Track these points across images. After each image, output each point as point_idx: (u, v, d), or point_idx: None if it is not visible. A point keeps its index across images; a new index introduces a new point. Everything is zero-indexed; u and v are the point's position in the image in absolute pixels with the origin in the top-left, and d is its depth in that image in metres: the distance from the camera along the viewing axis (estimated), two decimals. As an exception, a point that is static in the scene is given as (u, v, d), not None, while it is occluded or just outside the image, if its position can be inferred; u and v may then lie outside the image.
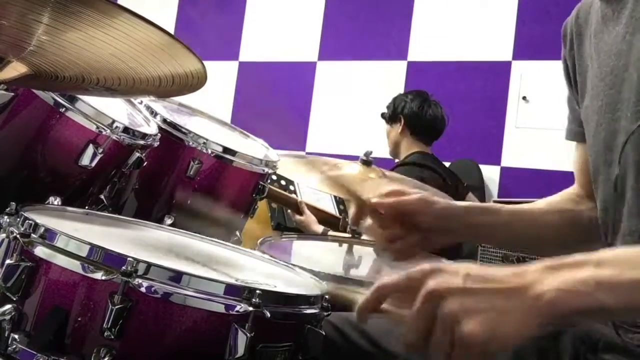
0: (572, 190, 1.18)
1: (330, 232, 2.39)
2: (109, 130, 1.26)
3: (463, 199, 2.69)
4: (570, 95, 1.12)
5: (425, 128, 2.86)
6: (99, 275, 0.83)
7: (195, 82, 0.87)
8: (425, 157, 2.82)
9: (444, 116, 2.90)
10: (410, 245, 1.07)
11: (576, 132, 1.11)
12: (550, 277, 0.66)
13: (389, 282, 0.72)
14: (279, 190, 2.49)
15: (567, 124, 1.16)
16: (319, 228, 2.39)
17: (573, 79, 1.08)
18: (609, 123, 0.92)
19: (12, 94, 1.12)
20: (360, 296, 0.75)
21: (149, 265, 0.83)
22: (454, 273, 0.68)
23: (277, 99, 4.40)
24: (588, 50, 1.01)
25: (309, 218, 2.42)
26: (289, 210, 2.56)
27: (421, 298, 0.68)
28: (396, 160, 2.96)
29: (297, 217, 2.45)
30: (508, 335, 0.65)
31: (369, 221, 1.08)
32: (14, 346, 0.83)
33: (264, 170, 1.67)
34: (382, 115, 2.97)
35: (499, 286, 0.67)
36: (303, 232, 2.38)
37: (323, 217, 2.53)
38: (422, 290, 0.68)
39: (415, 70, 4.03)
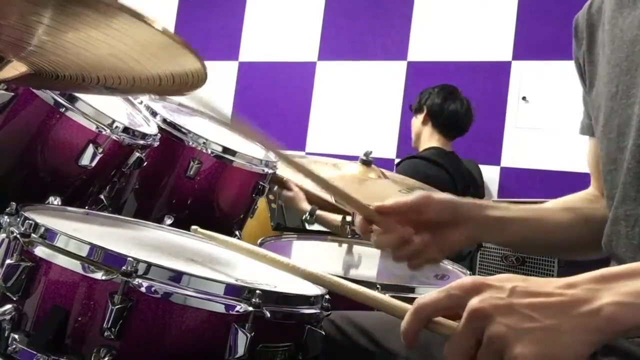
0: (588, 190, 1.16)
1: (319, 212, 2.32)
2: (108, 130, 1.26)
3: None
4: (585, 92, 1.10)
5: (445, 121, 2.87)
6: (99, 275, 0.83)
7: (195, 81, 0.87)
8: (440, 154, 2.81)
9: (469, 113, 2.89)
10: (424, 245, 0.99)
11: (590, 126, 1.09)
12: (605, 289, 0.60)
13: (428, 302, 0.65)
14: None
15: (582, 119, 1.13)
16: (307, 206, 2.34)
17: (584, 71, 1.07)
18: (623, 109, 0.91)
19: (12, 93, 1.12)
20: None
21: (149, 265, 0.83)
22: (499, 288, 0.62)
23: (277, 99, 4.40)
24: (600, 38, 1.00)
25: (298, 194, 2.36)
26: (283, 191, 2.48)
27: (465, 318, 0.62)
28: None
29: (286, 192, 2.38)
30: (563, 356, 0.59)
31: (376, 232, 1.01)
32: (14, 346, 0.83)
33: (263, 170, 1.67)
34: (410, 107, 3.01)
35: (549, 300, 0.61)
36: (302, 232, 2.36)
37: (314, 198, 2.45)
38: (466, 309, 0.62)
39: (415, 70, 4.02)
